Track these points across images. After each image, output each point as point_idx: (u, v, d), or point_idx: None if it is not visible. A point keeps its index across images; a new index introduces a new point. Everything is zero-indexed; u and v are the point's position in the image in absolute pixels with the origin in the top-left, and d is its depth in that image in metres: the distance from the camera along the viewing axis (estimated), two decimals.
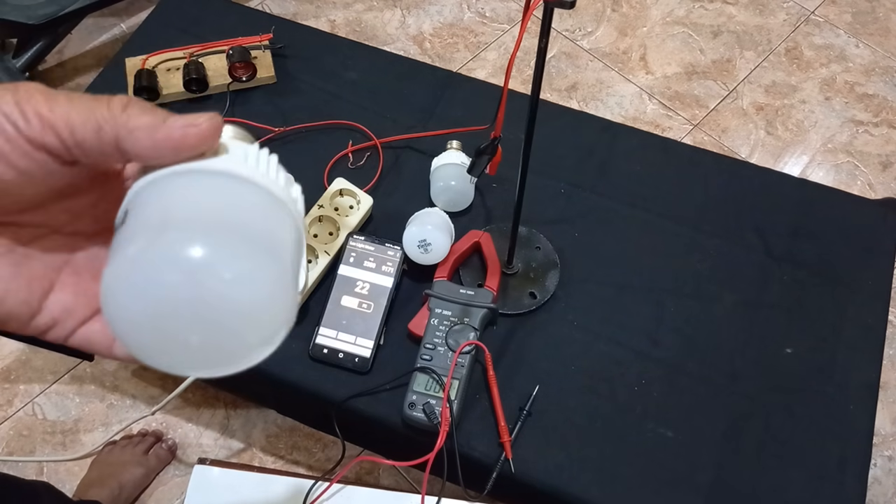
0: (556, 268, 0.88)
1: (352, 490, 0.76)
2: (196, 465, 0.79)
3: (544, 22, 0.55)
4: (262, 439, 1.27)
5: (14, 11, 1.41)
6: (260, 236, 0.26)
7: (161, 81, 0.99)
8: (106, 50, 1.73)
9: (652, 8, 1.83)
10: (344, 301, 0.83)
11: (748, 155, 1.60)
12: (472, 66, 1.72)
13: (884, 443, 1.30)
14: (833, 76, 1.72)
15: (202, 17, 1.08)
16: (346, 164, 0.95)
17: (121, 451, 1.21)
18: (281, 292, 0.26)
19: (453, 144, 0.92)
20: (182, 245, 0.24)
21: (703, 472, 0.76)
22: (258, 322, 0.26)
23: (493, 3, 1.82)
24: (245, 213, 0.27)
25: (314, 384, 0.81)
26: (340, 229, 0.87)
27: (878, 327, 0.85)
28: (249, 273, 0.25)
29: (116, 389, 1.30)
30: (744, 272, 0.89)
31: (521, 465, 0.76)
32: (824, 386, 0.81)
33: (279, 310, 0.27)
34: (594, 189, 0.94)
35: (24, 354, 1.33)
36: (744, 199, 0.94)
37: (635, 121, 1.64)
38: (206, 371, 0.27)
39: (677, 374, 0.82)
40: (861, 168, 1.59)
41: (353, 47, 1.08)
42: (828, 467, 0.77)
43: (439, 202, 0.90)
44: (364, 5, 1.81)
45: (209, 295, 0.25)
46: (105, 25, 1.77)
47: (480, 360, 0.80)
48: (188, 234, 0.25)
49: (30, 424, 1.27)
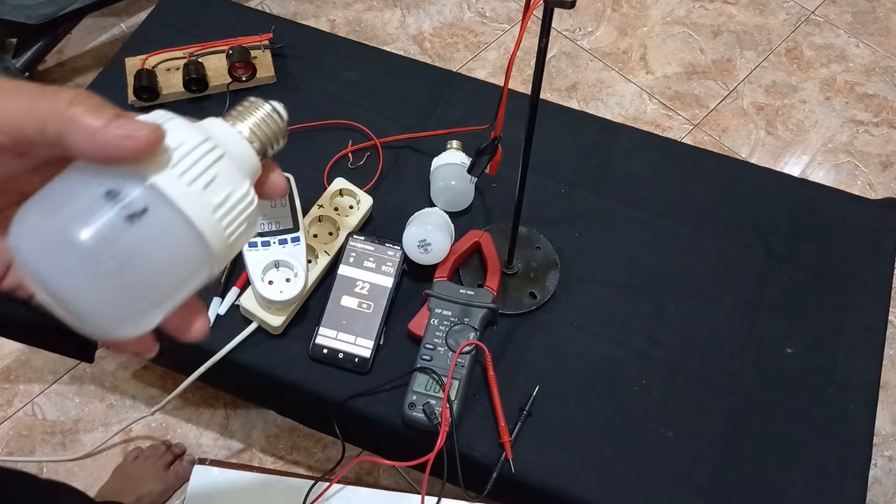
0: (556, 268, 0.87)
1: (351, 490, 0.76)
2: (196, 465, 0.79)
3: (544, 22, 0.55)
4: (261, 439, 1.27)
5: (14, 11, 1.41)
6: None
7: (161, 81, 0.99)
8: (106, 50, 1.73)
9: (652, 8, 1.83)
10: (344, 301, 0.83)
11: (748, 155, 1.60)
12: (472, 65, 1.72)
13: (884, 443, 1.30)
14: (833, 76, 1.72)
15: (202, 17, 1.08)
16: (346, 164, 0.95)
17: (142, 464, 1.20)
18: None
19: (453, 144, 0.92)
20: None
21: (703, 472, 0.76)
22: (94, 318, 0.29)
23: (493, 3, 1.82)
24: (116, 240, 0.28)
25: (314, 384, 0.81)
26: (340, 229, 0.87)
27: (878, 327, 0.85)
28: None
29: (116, 389, 1.30)
30: (744, 272, 0.89)
31: (521, 466, 0.76)
32: (824, 386, 0.81)
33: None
34: (594, 189, 0.94)
35: (23, 355, 1.33)
36: (744, 199, 0.94)
37: (635, 121, 1.64)
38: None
39: (677, 374, 0.82)
40: (861, 168, 1.59)
41: (353, 47, 1.07)
42: (828, 467, 0.77)
43: (439, 202, 0.90)
44: (364, 5, 1.81)
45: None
46: (105, 25, 1.77)
47: (480, 360, 0.80)
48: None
49: (29, 424, 1.27)
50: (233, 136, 0.32)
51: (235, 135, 0.32)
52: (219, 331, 0.83)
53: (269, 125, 0.33)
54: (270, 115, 0.33)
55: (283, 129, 0.34)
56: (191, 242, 0.29)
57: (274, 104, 0.34)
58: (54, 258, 0.27)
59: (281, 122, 0.34)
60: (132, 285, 0.28)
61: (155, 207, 0.27)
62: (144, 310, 0.30)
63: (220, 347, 0.81)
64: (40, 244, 0.27)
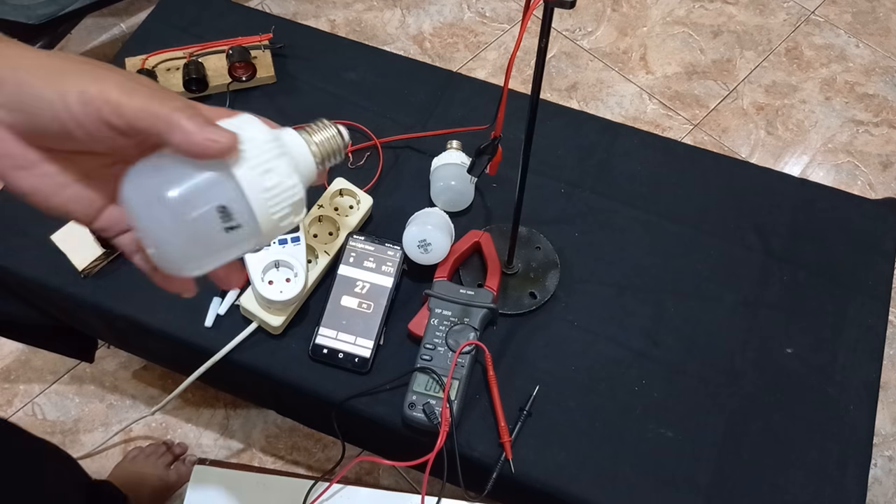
0: (556, 268, 0.88)
1: (352, 490, 0.76)
2: (196, 465, 0.79)
3: (544, 22, 0.55)
4: (261, 440, 1.27)
5: (14, 11, 1.41)
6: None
7: (161, 81, 0.99)
8: (106, 50, 1.73)
9: (652, 8, 1.83)
10: (344, 301, 0.83)
11: (748, 155, 1.60)
12: (472, 65, 1.72)
13: (884, 443, 1.30)
14: (833, 76, 1.72)
15: (202, 17, 1.08)
16: (346, 164, 0.95)
17: (144, 462, 1.20)
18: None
19: (453, 144, 0.92)
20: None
21: (703, 472, 0.76)
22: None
23: (493, 2, 1.82)
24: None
25: (314, 384, 0.81)
26: (340, 229, 0.87)
27: (878, 327, 0.85)
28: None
29: (116, 389, 1.30)
30: (744, 272, 0.89)
31: (521, 466, 0.76)
32: (824, 386, 0.81)
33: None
34: (594, 189, 0.94)
35: (23, 355, 1.33)
36: (744, 199, 0.94)
37: (635, 121, 1.64)
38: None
39: (677, 374, 0.82)
40: (861, 168, 1.59)
41: (353, 47, 1.07)
42: (828, 467, 0.77)
43: (439, 202, 0.90)
44: (364, 5, 1.81)
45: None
46: (105, 25, 1.77)
47: (480, 360, 0.80)
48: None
49: (30, 424, 1.27)
50: (297, 143, 0.41)
51: (301, 143, 0.42)
52: (219, 331, 0.83)
53: (331, 142, 0.42)
54: (334, 136, 0.43)
55: (342, 147, 0.43)
56: (244, 213, 0.38)
57: (340, 128, 0.43)
58: (152, 209, 0.37)
59: (342, 141, 0.43)
60: (200, 237, 0.38)
61: (224, 181, 0.37)
62: (202, 258, 0.39)
63: (220, 347, 0.81)
64: (144, 198, 0.37)
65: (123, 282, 0.86)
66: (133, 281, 0.86)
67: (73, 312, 0.93)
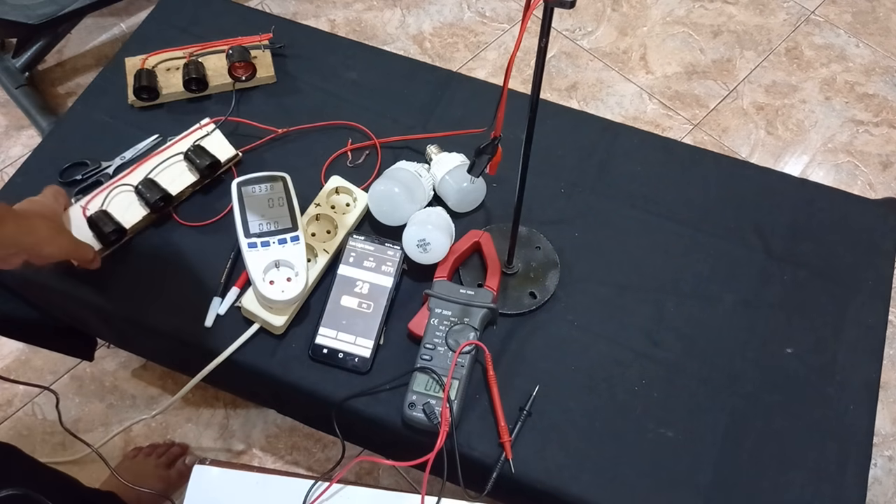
0: (556, 268, 0.87)
1: (352, 490, 0.76)
2: (195, 465, 0.79)
3: (544, 22, 0.55)
4: (261, 439, 1.27)
5: (14, 11, 1.41)
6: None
7: (161, 81, 0.99)
8: (106, 50, 1.73)
9: (652, 8, 1.83)
10: (344, 301, 0.83)
11: (748, 155, 1.60)
12: (472, 65, 1.72)
13: (884, 443, 1.30)
14: (833, 76, 1.72)
15: (202, 17, 1.08)
16: (345, 164, 0.95)
17: (144, 462, 1.19)
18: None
19: (432, 150, 0.93)
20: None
21: (703, 472, 0.76)
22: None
23: (493, 2, 1.82)
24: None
25: (314, 384, 0.81)
26: (338, 227, 0.87)
27: (878, 327, 0.85)
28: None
29: (116, 389, 1.30)
30: (744, 272, 0.89)
31: (521, 466, 0.76)
32: (824, 386, 0.81)
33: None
34: (594, 189, 0.94)
35: (23, 354, 1.33)
36: (744, 199, 0.94)
37: (635, 120, 1.64)
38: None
39: (677, 374, 0.82)
40: (861, 168, 1.59)
41: (353, 47, 1.07)
42: (828, 467, 0.77)
43: (451, 202, 0.90)
44: (364, 5, 1.81)
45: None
46: (105, 25, 1.77)
47: (480, 360, 0.80)
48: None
49: (29, 424, 1.27)
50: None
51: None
52: (219, 331, 0.83)
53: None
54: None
55: None
56: None
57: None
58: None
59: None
60: None
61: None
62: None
63: (221, 348, 0.81)
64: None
65: (123, 282, 0.86)
66: (133, 281, 0.86)
67: (73, 312, 0.93)
